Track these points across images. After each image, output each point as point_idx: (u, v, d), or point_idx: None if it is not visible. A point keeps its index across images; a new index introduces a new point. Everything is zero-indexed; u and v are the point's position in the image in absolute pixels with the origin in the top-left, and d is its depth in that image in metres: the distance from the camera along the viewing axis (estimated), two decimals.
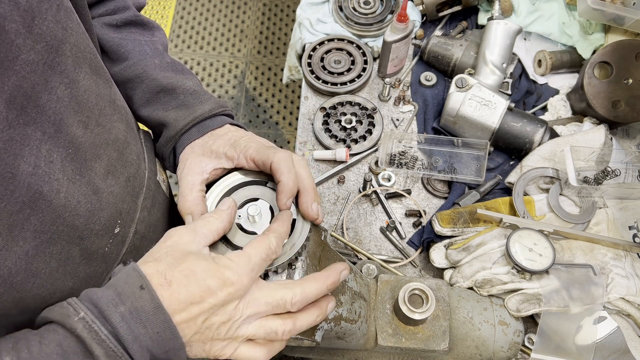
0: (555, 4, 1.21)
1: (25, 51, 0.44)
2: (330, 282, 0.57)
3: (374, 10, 1.25)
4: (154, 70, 0.74)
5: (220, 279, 0.49)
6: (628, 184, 0.93)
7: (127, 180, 0.64)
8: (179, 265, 0.49)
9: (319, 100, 1.19)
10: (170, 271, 0.48)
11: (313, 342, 0.62)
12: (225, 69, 2.69)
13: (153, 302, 0.46)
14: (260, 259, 0.53)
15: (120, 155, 0.62)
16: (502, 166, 1.08)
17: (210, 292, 0.49)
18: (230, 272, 0.50)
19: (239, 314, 0.52)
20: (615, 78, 1.04)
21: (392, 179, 1.07)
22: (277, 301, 0.53)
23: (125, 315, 0.45)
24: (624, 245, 0.88)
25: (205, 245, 0.53)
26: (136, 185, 0.66)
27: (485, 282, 0.84)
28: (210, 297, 0.49)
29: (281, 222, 0.58)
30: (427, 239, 0.97)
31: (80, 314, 0.45)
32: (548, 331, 0.82)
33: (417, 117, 1.16)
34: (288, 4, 2.89)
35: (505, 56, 1.08)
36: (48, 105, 0.47)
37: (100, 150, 0.57)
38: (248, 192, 0.65)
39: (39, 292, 0.50)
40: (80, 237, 0.54)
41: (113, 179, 0.60)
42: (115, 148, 0.60)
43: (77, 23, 0.53)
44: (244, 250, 0.53)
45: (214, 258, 0.51)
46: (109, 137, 0.59)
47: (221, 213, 0.57)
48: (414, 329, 0.76)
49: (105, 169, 0.58)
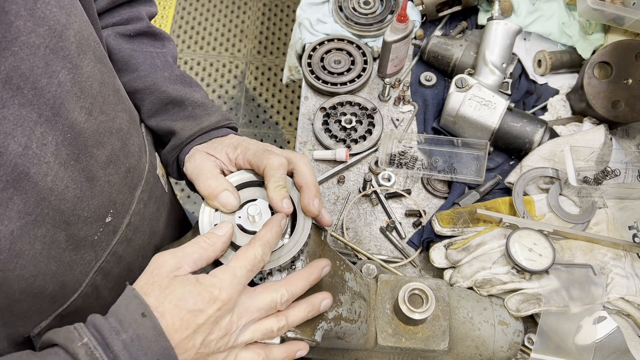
0: (555, 4, 1.21)
1: (25, 33, 0.45)
2: (313, 278, 0.59)
3: (374, 10, 1.25)
4: (163, 82, 0.75)
5: (209, 299, 0.50)
6: (628, 184, 0.93)
7: (128, 170, 0.64)
8: (167, 296, 0.50)
9: (319, 100, 1.19)
10: (160, 305, 0.49)
11: (313, 342, 0.63)
12: (225, 69, 2.69)
13: (155, 329, 0.47)
14: (246, 271, 0.53)
15: (124, 146, 0.62)
16: (502, 166, 1.08)
17: (202, 313, 0.50)
18: (217, 290, 0.51)
19: (234, 326, 0.53)
20: (615, 78, 1.04)
21: (392, 179, 1.07)
22: (268, 304, 0.55)
23: (127, 343, 0.46)
24: (624, 245, 0.88)
25: (191, 271, 0.53)
26: (135, 176, 0.67)
27: (485, 282, 0.85)
28: (202, 318, 0.50)
29: (269, 227, 0.58)
30: (427, 239, 0.97)
31: (84, 340, 0.46)
32: (548, 331, 0.82)
33: (417, 117, 1.16)
34: (288, 4, 2.89)
35: (505, 56, 1.08)
36: (47, 88, 0.48)
37: (104, 138, 0.57)
38: (249, 193, 0.65)
39: (22, 273, 0.51)
40: (66, 222, 0.54)
41: (114, 168, 0.60)
42: (118, 137, 0.61)
43: (81, 12, 0.54)
44: (228, 264, 0.54)
45: (199, 278, 0.52)
46: (112, 126, 0.59)
47: (216, 242, 0.56)
48: (414, 329, 0.76)
49: (107, 157, 0.59)
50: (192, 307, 0.50)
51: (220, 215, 0.62)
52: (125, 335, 0.46)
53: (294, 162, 0.64)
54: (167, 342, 0.48)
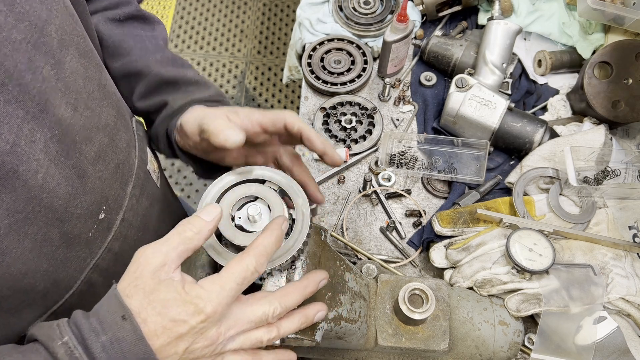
0: (555, 4, 1.21)
1: (6, 29, 0.44)
2: (308, 291, 0.57)
3: (374, 10, 1.25)
4: (155, 65, 0.74)
5: (193, 311, 0.48)
6: (628, 184, 0.93)
7: (117, 166, 0.63)
8: (151, 302, 0.48)
9: (319, 100, 1.19)
10: (143, 310, 0.48)
11: (313, 342, 0.62)
12: (225, 69, 2.69)
13: (135, 333, 0.46)
14: (236, 285, 0.51)
15: (111, 141, 0.62)
16: (502, 166, 1.08)
17: (185, 323, 0.48)
18: (202, 303, 0.49)
19: (221, 337, 0.51)
20: (615, 78, 1.04)
21: (392, 179, 1.07)
22: (259, 317, 0.53)
23: (106, 345, 0.45)
24: (624, 245, 0.88)
25: (176, 268, 0.51)
26: (125, 172, 0.66)
27: (485, 282, 0.84)
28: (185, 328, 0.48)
29: (269, 232, 0.55)
30: (427, 239, 0.97)
31: (64, 338, 0.45)
32: (548, 331, 0.82)
33: (417, 117, 1.16)
34: (288, 4, 2.89)
35: (505, 56, 1.08)
36: (32, 84, 0.47)
37: (91, 134, 0.57)
38: (246, 189, 0.64)
39: (8, 271, 0.50)
40: (60, 220, 0.54)
41: (103, 164, 0.60)
42: (105, 133, 0.60)
43: (64, 6, 0.53)
44: (219, 275, 0.51)
45: (186, 286, 0.49)
46: (99, 122, 0.59)
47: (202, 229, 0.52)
48: (414, 329, 0.76)
49: (96, 153, 0.58)
50: (176, 316, 0.48)
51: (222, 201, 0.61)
52: (105, 338, 0.46)
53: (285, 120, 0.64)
54: (147, 347, 0.46)
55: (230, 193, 0.63)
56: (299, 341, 0.62)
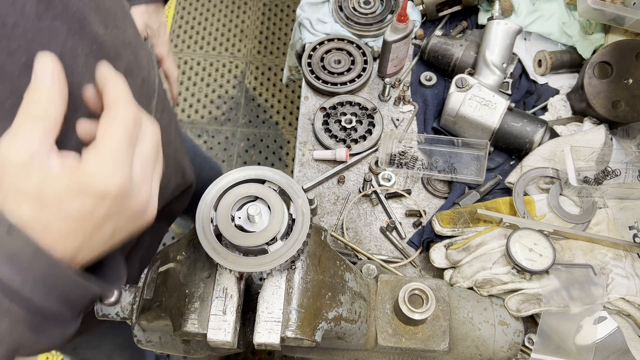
0: (555, 4, 1.21)
1: None
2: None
3: (374, 10, 1.25)
4: None
5: (98, 197, 0.42)
6: (628, 184, 0.93)
7: (142, 82, 0.68)
8: (43, 205, 0.40)
9: (319, 100, 1.19)
10: (40, 214, 0.40)
11: (313, 342, 0.62)
12: (225, 69, 2.69)
13: (29, 246, 0.40)
14: (127, 145, 0.43)
15: (135, 58, 0.66)
16: (502, 166, 1.08)
17: (93, 215, 0.42)
18: (98, 182, 0.41)
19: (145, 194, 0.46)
20: (615, 78, 1.04)
21: (392, 179, 1.07)
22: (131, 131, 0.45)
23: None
24: (624, 245, 0.88)
25: (49, 154, 0.41)
26: (149, 88, 0.71)
27: (486, 282, 0.84)
28: (96, 220, 0.43)
29: (110, 77, 0.46)
30: (427, 239, 0.97)
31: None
32: (548, 331, 0.82)
33: (417, 117, 1.16)
34: (288, 4, 2.89)
35: (505, 56, 1.08)
36: (73, 2, 0.50)
37: (120, 50, 0.60)
38: (246, 189, 0.64)
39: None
40: None
41: (131, 79, 0.63)
42: (130, 50, 0.64)
43: None
44: (97, 146, 0.42)
45: (70, 168, 0.41)
46: (124, 39, 0.62)
47: (49, 94, 0.41)
48: (414, 329, 0.76)
49: (125, 70, 0.61)
50: (76, 215, 0.41)
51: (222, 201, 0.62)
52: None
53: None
54: (49, 258, 0.40)
55: (230, 193, 0.63)
56: (299, 341, 0.62)
